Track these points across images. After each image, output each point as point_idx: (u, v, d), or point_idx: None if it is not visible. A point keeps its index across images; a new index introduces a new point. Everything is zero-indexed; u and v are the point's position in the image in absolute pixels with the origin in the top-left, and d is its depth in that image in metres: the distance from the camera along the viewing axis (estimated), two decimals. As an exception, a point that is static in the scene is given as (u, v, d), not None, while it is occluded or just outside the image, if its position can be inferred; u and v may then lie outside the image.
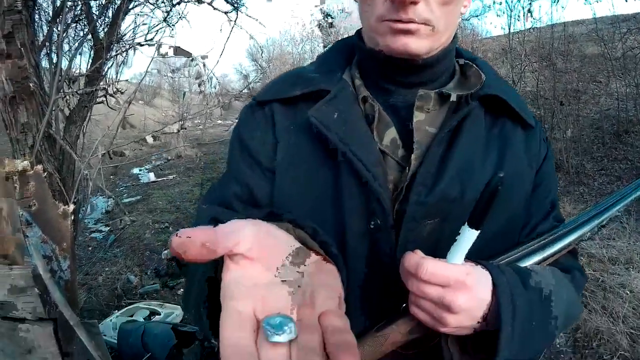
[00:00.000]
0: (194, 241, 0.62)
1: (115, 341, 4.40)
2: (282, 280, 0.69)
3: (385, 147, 1.11)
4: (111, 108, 4.01)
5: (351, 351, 0.58)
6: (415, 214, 1.05)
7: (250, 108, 1.26)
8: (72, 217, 2.08)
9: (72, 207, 2.09)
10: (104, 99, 4.09)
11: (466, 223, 0.88)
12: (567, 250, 1.13)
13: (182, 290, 6.09)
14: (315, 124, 1.08)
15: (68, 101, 3.96)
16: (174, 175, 13.06)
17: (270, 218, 0.80)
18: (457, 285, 0.91)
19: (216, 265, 0.76)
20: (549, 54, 11.35)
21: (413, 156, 1.08)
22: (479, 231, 0.87)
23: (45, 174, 2.17)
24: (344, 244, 1.08)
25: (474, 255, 0.96)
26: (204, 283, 0.85)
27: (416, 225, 1.06)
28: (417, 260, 0.91)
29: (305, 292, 0.68)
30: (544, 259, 1.09)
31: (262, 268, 0.69)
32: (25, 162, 2.14)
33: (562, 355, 4.20)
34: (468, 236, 0.89)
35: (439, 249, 1.01)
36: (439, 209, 1.06)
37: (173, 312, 5.17)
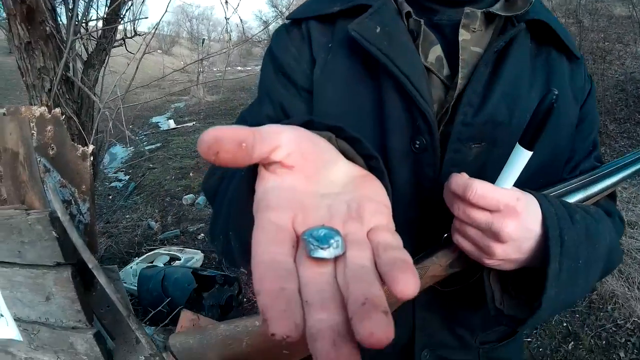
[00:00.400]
0: (230, 139, 0.52)
1: (136, 288, 4.44)
2: (325, 192, 0.60)
3: (430, 65, 1.04)
4: (129, 52, 3.96)
5: (409, 269, 0.47)
6: (461, 134, 0.99)
7: (285, 27, 1.19)
8: (92, 158, 2.04)
9: (91, 147, 2.06)
10: (123, 42, 4.05)
11: (518, 143, 0.81)
12: (609, 191, 1.09)
13: (202, 235, 6.12)
14: (357, 37, 1.00)
15: (86, 45, 3.91)
16: (194, 122, 13.07)
17: (310, 126, 0.69)
18: (507, 211, 0.84)
19: (248, 180, 0.67)
20: (575, 11, 11.16)
21: (460, 75, 1.01)
22: (531, 152, 0.80)
23: (64, 117, 2.13)
24: (384, 165, 1.02)
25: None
26: (234, 198, 0.78)
27: (461, 147, 1.00)
28: (465, 181, 0.85)
29: (350, 206, 0.58)
30: (587, 199, 1.05)
31: (303, 177, 0.60)
32: (43, 107, 2.11)
33: (577, 315, 4.19)
34: (520, 158, 0.81)
35: (485, 177, 0.94)
36: (485, 132, 1.00)
37: (193, 257, 5.22)
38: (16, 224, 2.00)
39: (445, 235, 0.96)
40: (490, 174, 0.92)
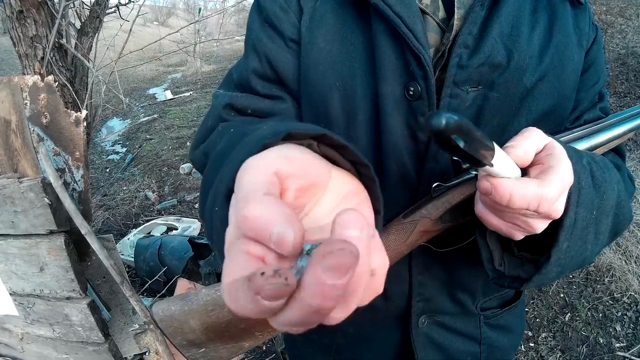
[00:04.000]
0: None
1: (132, 259, 4.45)
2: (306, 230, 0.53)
3: (425, 7, 0.97)
4: (123, 19, 3.92)
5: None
6: (456, 77, 0.93)
7: None
8: (85, 124, 2.02)
9: (84, 112, 2.03)
10: (117, 9, 4.01)
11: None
12: (615, 143, 1.03)
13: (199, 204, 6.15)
14: None
15: (79, 13, 3.89)
16: (191, 92, 13.00)
17: (289, 138, 0.62)
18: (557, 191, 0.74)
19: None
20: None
21: (455, 16, 0.95)
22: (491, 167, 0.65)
23: (57, 84, 2.11)
24: (376, 116, 0.98)
25: None
26: (215, 225, 0.69)
27: (458, 92, 0.94)
28: (499, 190, 0.71)
29: None
30: (591, 149, 0.99)
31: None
32: (36, 76, 2.10)
33: (575, 287, 4.20)
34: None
35: (481, 122, 0.93)
36: (482, 75, 0.94)
37: (190, 226, 5.24)
38: (9, 193, 1.99)
39: (435, 185, 0.91)
40: (487, 119, 0.90)
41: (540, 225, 0.78)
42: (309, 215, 0.58)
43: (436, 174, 0.95)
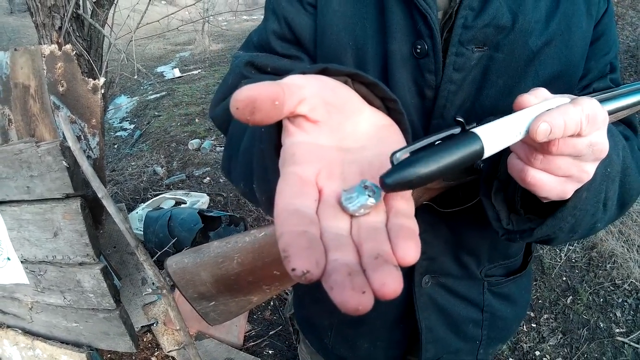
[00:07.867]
0: (264, 98, 0.52)
1: (142, 232, 4.49)
2: (349, 147, 0.62)
3: None
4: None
5: (412, 238, 0.50)
6: (462, 37, 0.97)
7: None
8: (102, 91, 2.05)
9: (102, 80, 2.06)
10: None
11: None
12: (625, 113, 0.98)
13: (207, 178, 6.14)
14: None
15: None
16: (199, 70, 12.97)
17: (325, 73, 0.67)
18: (595, 120, 0.66)
19: (271, 135, 0.69)
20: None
21: None
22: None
23: (75, 53, 2.14)
24: (385, 74, 1.02)
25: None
26: (255, 152, 0.80)
27: (463, 50, 0.98)
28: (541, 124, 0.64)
29: (373, 163, 0.61)
30: None
31: (327, 131, 0.61)
32: (53, 45, 2.12)
33: (577, 271, 4.24)
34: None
35: (488, 83, 0.97)
36: (487, 36, 0.97)
37: (199, 200, 5.25)
38: (25, 157, 2.01)
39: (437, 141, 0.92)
40: (493, 79, 0.94)
41: (591, 169, 0.73)
42: (350, 134, 0.64)
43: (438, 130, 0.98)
